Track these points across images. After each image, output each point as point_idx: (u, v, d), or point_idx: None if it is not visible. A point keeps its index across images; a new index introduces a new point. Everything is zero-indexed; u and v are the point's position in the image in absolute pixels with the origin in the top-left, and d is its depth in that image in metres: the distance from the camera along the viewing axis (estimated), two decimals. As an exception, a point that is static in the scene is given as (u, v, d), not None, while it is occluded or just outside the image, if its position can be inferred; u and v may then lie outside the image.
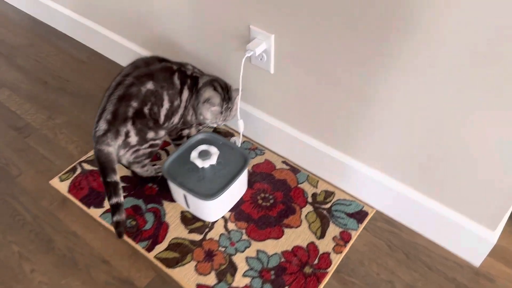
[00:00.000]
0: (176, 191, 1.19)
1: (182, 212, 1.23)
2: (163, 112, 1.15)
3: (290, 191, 1.27)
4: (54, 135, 1.42)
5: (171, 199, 1.25)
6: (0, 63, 1.66)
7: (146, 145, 1.13)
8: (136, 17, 1.48)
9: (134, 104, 1.06)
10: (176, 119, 1.21)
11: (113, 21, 1.59)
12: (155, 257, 1.13)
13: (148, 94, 1.08)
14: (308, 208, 1.22)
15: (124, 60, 1.44)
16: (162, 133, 1.17)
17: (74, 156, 1.36)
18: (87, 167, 1.33)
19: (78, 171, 1.32)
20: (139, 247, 1.15)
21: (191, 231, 1.18)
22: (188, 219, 1.21)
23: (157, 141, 1.16)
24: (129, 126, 1.06)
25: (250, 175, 1.31)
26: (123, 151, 1.08)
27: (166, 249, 1.14)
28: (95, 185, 1.26)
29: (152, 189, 1.28)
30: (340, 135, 1.17)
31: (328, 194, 1.26)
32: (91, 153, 1.36)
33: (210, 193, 1.12)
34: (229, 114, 1.24)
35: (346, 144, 1.18)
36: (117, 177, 1.03)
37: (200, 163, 1.15)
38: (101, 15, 1.63)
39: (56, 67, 1.66)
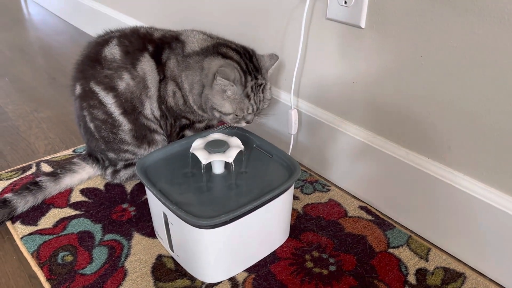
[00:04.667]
0: (155, 208, 0.64)
1: (160, 257, 0.65)
2: (113, 109, 0.71)
3: (372, 257, 0.65)
4: (28, 127, 1.00)
5: (151, 233, 0.69)
6: (17, 58, 1.43)
7: (120, 165, 0.79)
8: None
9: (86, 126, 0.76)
10: (147, 109, 0.72)
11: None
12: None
13: (78, 106, 0.75)
14: (408, 295, 0.59)
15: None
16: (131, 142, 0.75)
17: (37, 154, 0.91)
18: (46, 168, 0.84)
19: (31, 171, 0.84)
20: (55, 303, 0.58)
21: (162, 293, 0.59)
22: (166, 271, 0.63)
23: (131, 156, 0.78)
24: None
25: (299, 219, 0.72)
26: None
27: (101, 318, 0.56)
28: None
29: (125, 212, 0.73)
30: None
31: (452, 275, 0.62)
32: (61, 153, 0.89)
33: (207, 214, 0.55)
34: (263, 99, 0.69)
35: None
36: None
37: (204, 158, 0.61)
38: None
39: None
